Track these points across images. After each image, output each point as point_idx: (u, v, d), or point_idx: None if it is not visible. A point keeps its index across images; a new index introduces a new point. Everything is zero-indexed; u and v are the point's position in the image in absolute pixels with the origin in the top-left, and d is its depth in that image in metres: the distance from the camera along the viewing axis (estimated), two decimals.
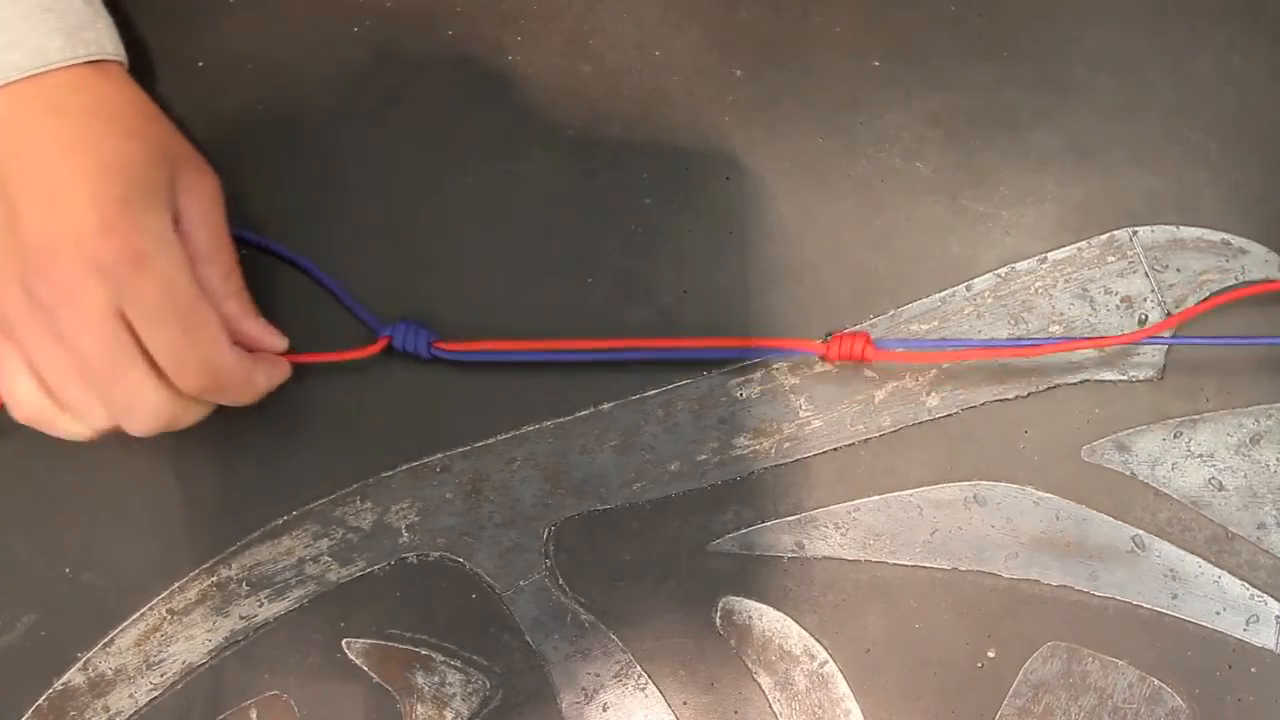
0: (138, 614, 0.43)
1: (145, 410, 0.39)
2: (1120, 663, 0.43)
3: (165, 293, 0.38)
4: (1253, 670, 0.44)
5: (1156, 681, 0.43)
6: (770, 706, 0.43)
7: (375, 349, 0.43)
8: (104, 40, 0.41)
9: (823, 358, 0.44)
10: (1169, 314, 0.45)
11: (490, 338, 0.44)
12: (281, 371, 0.43)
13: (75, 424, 0.40)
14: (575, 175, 0.46)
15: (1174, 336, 0.44)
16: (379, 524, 0.44)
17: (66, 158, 0.38)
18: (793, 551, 0.44)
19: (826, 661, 0.43)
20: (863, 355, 0.43)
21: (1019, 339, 0.45)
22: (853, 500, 0.44)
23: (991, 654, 0.43)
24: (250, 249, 0.45)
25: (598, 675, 0.43)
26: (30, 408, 0.40)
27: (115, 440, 0.44)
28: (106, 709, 0.43)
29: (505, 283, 0.45)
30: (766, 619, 0.44)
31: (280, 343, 0.43)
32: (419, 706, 0.43)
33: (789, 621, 0.44)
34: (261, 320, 0.43)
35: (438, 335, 0.44)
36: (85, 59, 0.40)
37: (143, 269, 0.37)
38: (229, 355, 0.40)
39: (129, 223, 0.37)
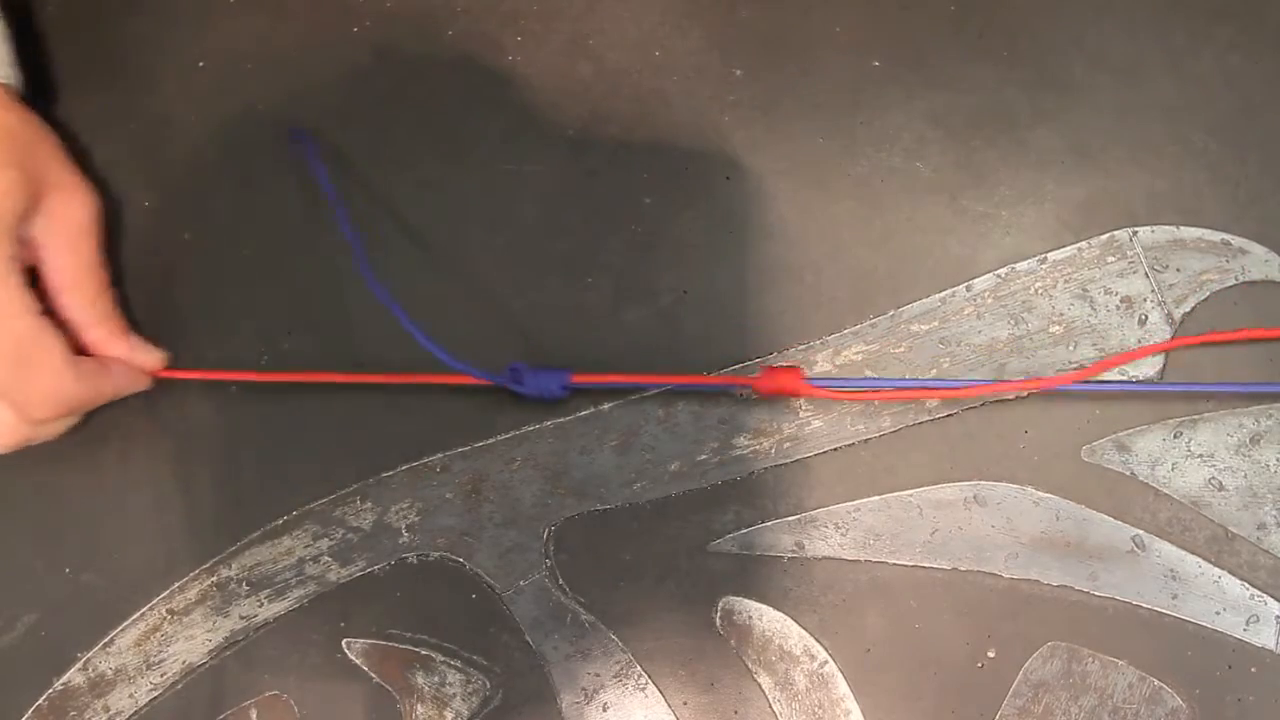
0: (138, 614, 0.43)
1: None
2: (1120, 663, 0.43)
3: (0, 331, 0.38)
4: (1253, 670, 0.44)
5: (1156, 681, 0.43)
6: (770, 706, 0.43)
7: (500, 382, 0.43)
8: None
9: (755, 390, 0.43)
10: (1168, 314, 0.45)
11: (490, 337, 0.44)
12: (135, 383, 0.43)
13: None
14: (575, 175, 0.46)
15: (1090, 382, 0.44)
16: (379, 524, 0.44)
17: None
18: (793, 551, 0.44)
19: (826, 661, 0.43)
20: (794, 390, 0.43)
21: (944, 379, 0.45)
22: (853, 500, 0.44)
23: (991, 654, 0.43)
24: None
25: (598, 675, 0.43)
26: None
27: (116, 440, 0.44)
28: (106, 709, 0.43)
29: (505, 283, 0.45)
30: (766, 619, 0.44)
31: (153, 358, 0.43)
32: (419, 706, 0.43)
33: (789, 621, 0.44)
34: (131, 341, 0.43)
35: (569, 371, 0.43)
36: None
37: None
38: (73, 385, 0.40)
39: None
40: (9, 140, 0.40)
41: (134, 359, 0.43)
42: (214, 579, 0.44)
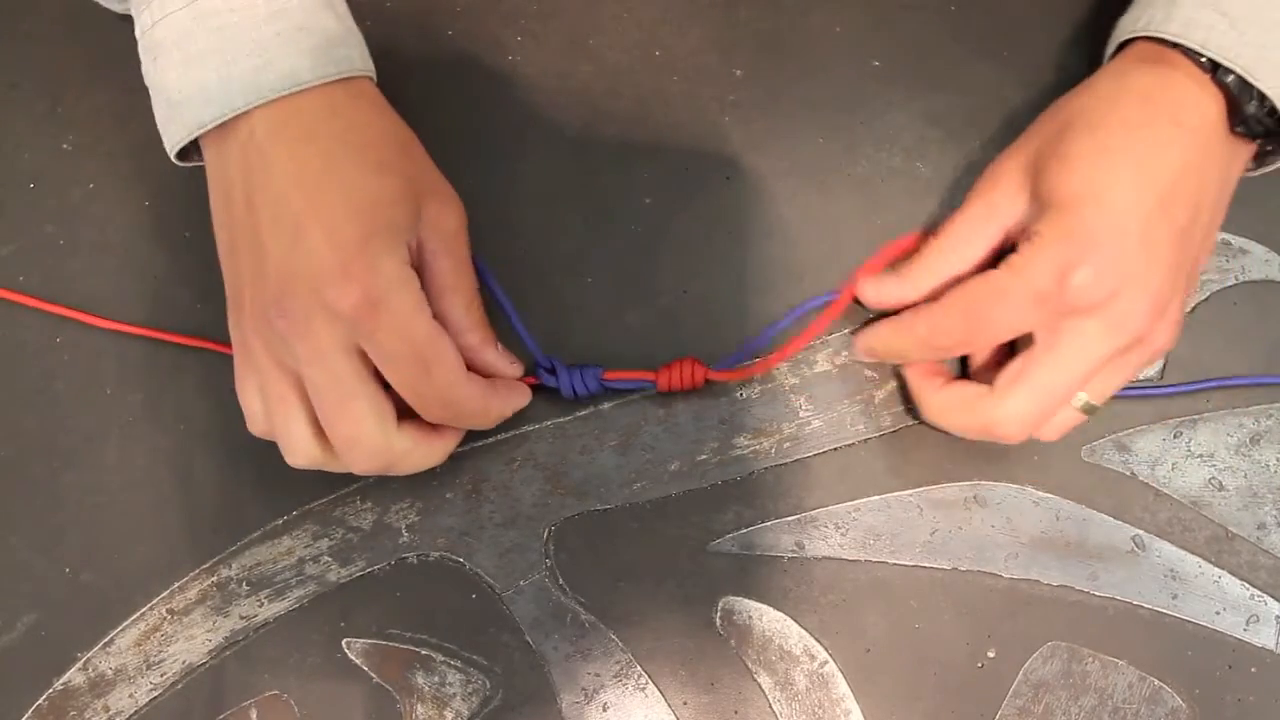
0: (138, 614, 0.43)
1: (366, 448, 0.39)
2: (1120, 663, 0.43)
3: (400, 334, 0.37)
4: (1253, 670, 0.44)
5: (1156, 681, 0.43)
6: (770, 706, 0.43)
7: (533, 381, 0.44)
8: (354, 57, 0.40)
9: (656, 386, 0.43)
10: None
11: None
12: (521, 397, 0.43)
13: (292, 453, 0.40)
14: (575, 175, 0.46)
15: None
16: (379, 524, 0.44)
17: (312, 193, 0.38)
18: (793, 551, 0.44)
19: (826, 661, 0.43)
20: (693, 382, 0.43)
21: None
22: (853, 500, 0.44)
23: (991, 654, 0.43)
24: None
25: (598, 675, 0.43)
26: (262, 427, 0.40)
27: (114, 440, 0.44)
28: (106, 709, 0.43)
29: (505, 283, 0.45)
30: (766, 619, 0.44)
31: (516, 370, 0.43)
32: (419, 706, 0.43)
33: (789, 621, 0.44)
34: (500, 349, 0.43)
35: (601, 368, 0.43)
36: (336, 77, 0.39)
37: (377, 313, 0.37)
38: (466, 389, 0.40)
39: (366, 267, 0.37)
40: (393, 146, 0.40)
41: (502, 367, 0.43)
42: (214, 579, 0.44)
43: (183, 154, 0.41)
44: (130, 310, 0.45)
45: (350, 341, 0.38)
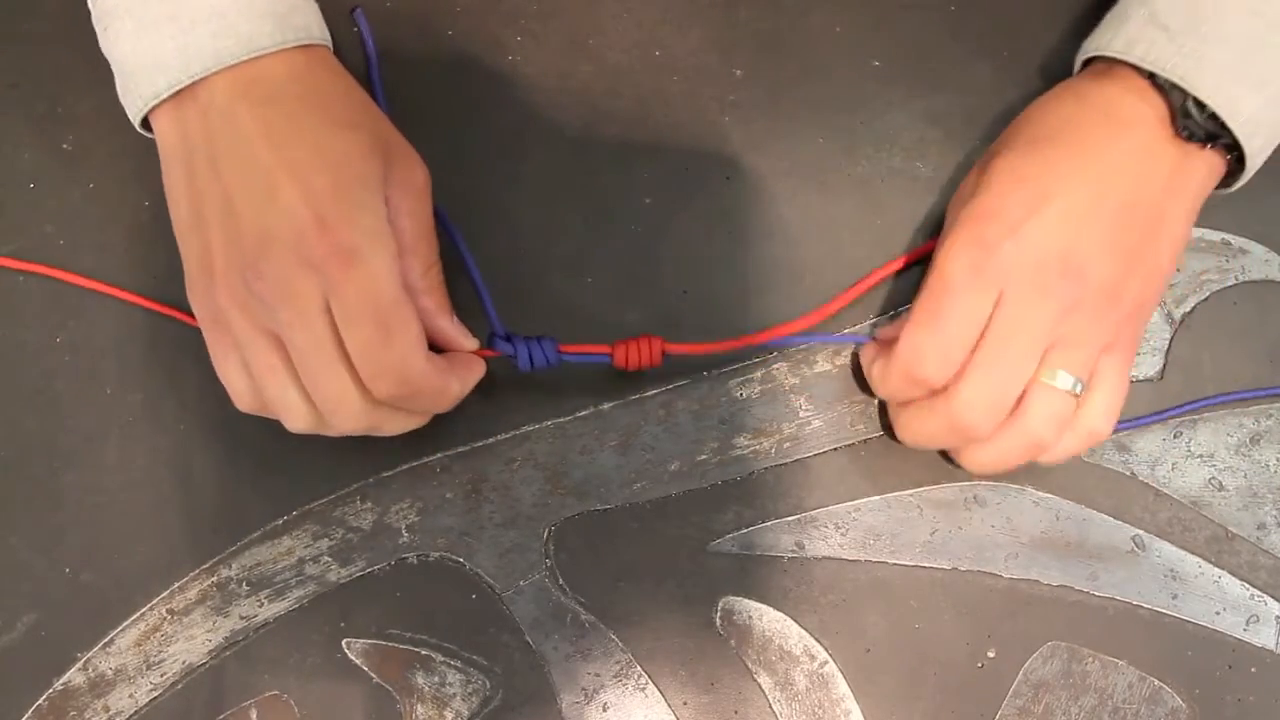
0: (138, 614, 0.43)
1: (349, 410, 0.38)
2: (1120, 663, 0.43)
3: (369, 291, 0.37)
4: (1253, 670, 0.44)
5: (1156, 681, 0.43)
6: (770, 706, 0.43)
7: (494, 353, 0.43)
8: (312, 25, 0.41)
9: (612, 360, 0.42)
10: (1169, 314, 0.45)
11: (490, 338, 0.44)
12: (475, 374, 0.42)
13: (292, 421, 0.39)
14: (575, 175, 0.46)
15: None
16: (379, 524, 0.44)
17: (282, 150, 0.37)
18: (793, 551, 0.44)
19: (826, 661, 0.43)
20: (651, 358, 0.42)
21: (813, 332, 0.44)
22: (853, 500, 0.44)
23: (991, 654, 0.43)
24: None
25: (598, 675, 0.43)
26: (249, 400, 0.40)
27: (114, 440, 0.44)
28: (106, 709, 0.43)
29: (505, 282, 0.45)
30: (766, 619, 0.44)
31: (470, 343, 0.42)
32: (419, 706, 0.43)
33: (789, 621, 0.44)
34: (455, 318, 0.42)
35: (555, 341, 0.43)
36: (295, 44, 0.39)
37: (351, 265, 0.36)
38: (423, 363, 0.39)
39: (342, 217, 0.37)
40: (357, 104, 0.40)
41: (457, 337, 0.42)
42: (214, 579, 0.44)
43: (148, 124, 0.40)
44: (131, 310, 0.45)
45: (326, 300, 0.37)
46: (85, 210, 0.46)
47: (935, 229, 0.46)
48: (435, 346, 0.42)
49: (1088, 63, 0.43)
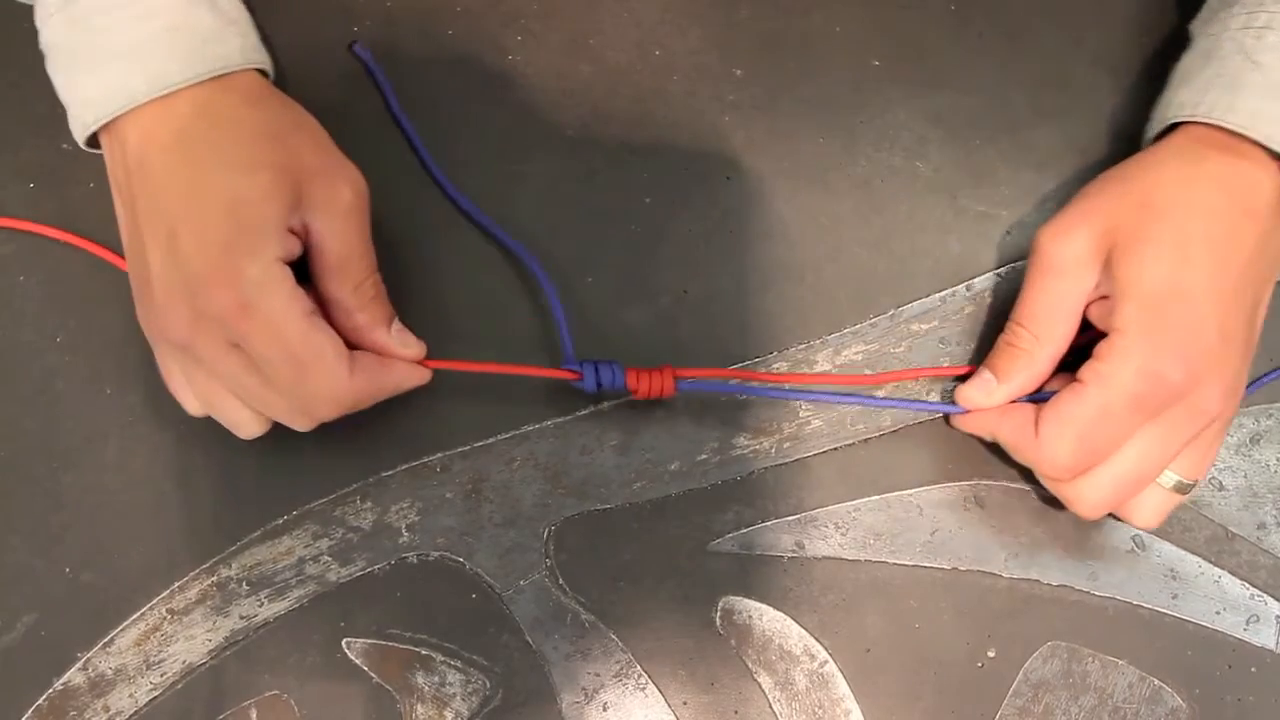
0: (138, 614, 0.43)
1: (300, 422, 0.40)
2: (1120, 663, 0.43)
3: (272, 337, 0.37)
4: (1253, 670, 0.44)
5: (1156, 681, 0.43)
6: (770, 706, 0.43)
7: (573, 376, 0.42)
8: (230, 53, 0.40)
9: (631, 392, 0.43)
10: None
11: (491, 338, 0.44)
12: (415, 380, 0.42)
13: (242, 433, 0.41)
14: (575, 175, 0.46)
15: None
16: (379, 524, 0.44)
17: (179, 200, 0.38)
18: (793, 551, 0.44)
19: (826, 661, 0.43)
20: (661, 390, 0.42)
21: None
22: (853, 500, 0.44)
23: (991, 654, 0.43)
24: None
25: (598, 675, 0.43)
26: (198, 410, 0.42)
27: (114, 440, 0.44)
28: (106, 709, 0.43)
29: (505, 282, 0.45)
30: (766, 619, 0.44)
31: (413, 352, 0.42)
32: (419, 706, 0.43)
33: (789, 621, 0.44)
34: (395, 328, 0.41)
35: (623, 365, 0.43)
36: (208, 75, 0.39)
37: (247, 316, 0.37)
38: (347, 383, 0.39)
39: (231, 271, 0.37)
40: (264, 139, 0.40)
41: (393, 347, 0.41)
42: (214, 579, 0.44)
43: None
44: (130, 310, 0.45)
45: (232, 343, 0.38)
46: (85, 210, 0.46)
47: (935, 228, 0.46)
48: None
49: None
